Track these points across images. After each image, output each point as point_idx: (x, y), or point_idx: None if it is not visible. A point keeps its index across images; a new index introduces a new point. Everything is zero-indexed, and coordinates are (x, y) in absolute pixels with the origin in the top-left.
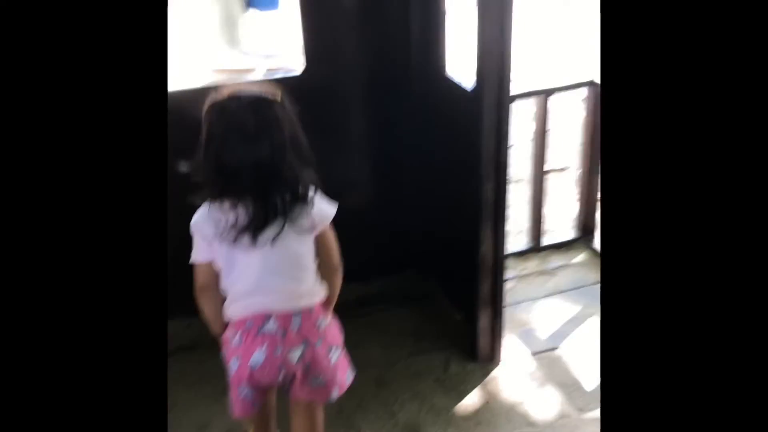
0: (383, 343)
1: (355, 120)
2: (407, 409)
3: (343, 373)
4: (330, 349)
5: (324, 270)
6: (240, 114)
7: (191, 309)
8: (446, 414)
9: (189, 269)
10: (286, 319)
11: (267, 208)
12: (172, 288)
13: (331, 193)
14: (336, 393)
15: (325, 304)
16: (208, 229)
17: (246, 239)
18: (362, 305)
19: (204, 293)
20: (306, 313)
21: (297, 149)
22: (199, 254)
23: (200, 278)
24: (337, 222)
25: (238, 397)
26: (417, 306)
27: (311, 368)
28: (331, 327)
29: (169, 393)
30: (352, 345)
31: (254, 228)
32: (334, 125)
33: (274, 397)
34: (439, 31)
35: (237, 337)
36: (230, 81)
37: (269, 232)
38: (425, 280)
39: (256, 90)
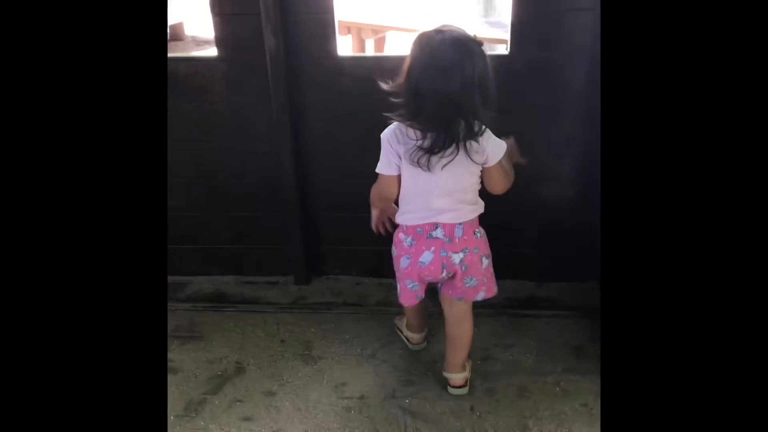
0: (539, 352)
1: (568, 110)
2: (543, 427)
3: (491, 281)
4: (482, 257)
5: (489, 189)
6: (441, 47)
7: (363, 268)
8: None
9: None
10: (450, 228)
11: (446, 135)
12: (357, 248)
13: (531, 181)
14: (482, 295)
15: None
16: (397, 145)
17: (425, 161)
18: (529, 307)
19: (382, 203)
20: (467, 225)
21: (483, 89)
22: (386, 167)
23: (384, 189)
24: (523, 211)
25: (406, 287)
26: (589, 321)
27: (468, 270)
28: (483, 238)
29: (321, 345)
30: (506, 345)
31: (433, 151)
32: (546, 112)
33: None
34: None
35: (409, 239)
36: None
37: (445, 157)
38: None
39: (461, 30)
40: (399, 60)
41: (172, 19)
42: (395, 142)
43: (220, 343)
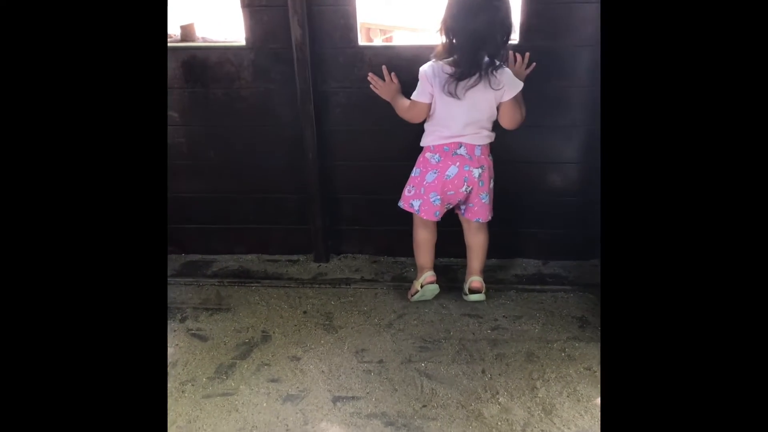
0: (546, 322)
1: (574, 97)
2: (549, 387)
3: (492, 204)
4: (491, 177)
5: (503, 124)
6: None
7: (379, 247)
8: (586, 402)
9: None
10: (471, 148)
11: (472, 65)
12: (374, 228)
13: (538, 164)
14: (490, 215)
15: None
16: (432, 78)
17: (453, 87)
18: (536, 282)
19: (413, 120)
20: (484, 147)
21: (505, 29)
22: (420, 95)
23: (415, 114)
24: (531, 193)
25: (429, 200)
26: (592, 295)
27: (483, 186)
28: (492, 163)
29: (342, 317)
30: (514, 317)
31: (461, 78)
32: (553, 99)
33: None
34: None
35: (437, 156)
36: None
37: (470, 84)
38: None
39: None
40: (416, 49)
41: (183, 20)
42: (432, 75)
43: (247, 314)
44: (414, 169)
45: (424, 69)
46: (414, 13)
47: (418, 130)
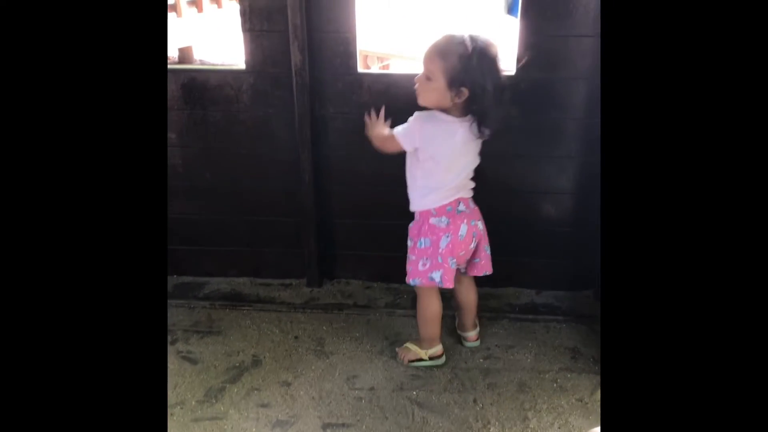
0: (538, 352)
1: (569, 129)
2: (541, 418)
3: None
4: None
5: None
6: (469, 47)
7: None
8: None
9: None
10: (467, 201)
11: (471, 122)
12: (367, 253)
13: (533, 194)
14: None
15: None
16: (432, 128)
17: (454, 142)
18: (528, 312)
19: (382, 149)
20: (472, 199)
21: (498, 89)
22: (403, 137)
23: (389, 148)
24: (525, 223)
25: (450, 267)
26: (584, 326)
27: (484, 237)
28: None
29: (333, 342)
30: (507, 346)
31: (458, 134)
32: (549, 130)
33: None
34: None
35: (444, 219)
36: None
37: (466, 138)
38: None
39: (487, 39)
40: (414, 77)
41: (181, 43)
42: (427, 121)
43: (238, 338)
44: (417, 240)
45: (422, 114)
46: (410, 41)
47: None
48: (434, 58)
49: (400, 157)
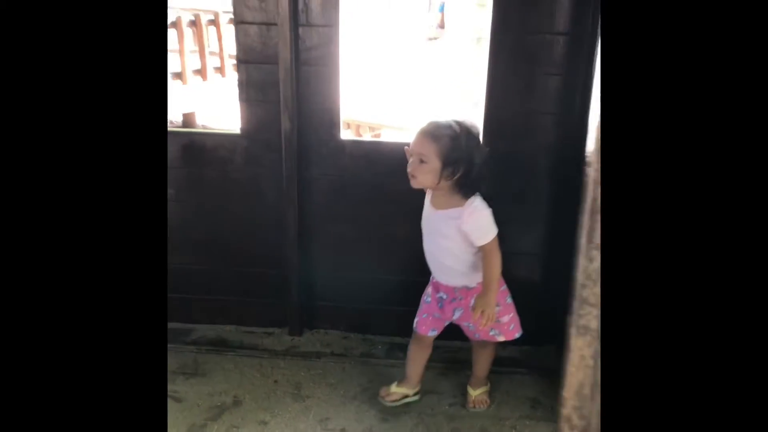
0: (500, 401)
1: (536, 189)
2: None
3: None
4: None
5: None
6: (457, 128)
7: (350, 324)
8: None
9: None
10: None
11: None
12: (346, 306)
13: (507, 251)
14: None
15: None
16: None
17: None
18: (493, 364)
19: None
20: None
21: (485, 163)
22: (494, 229)
23: (497, 251)
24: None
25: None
26: (546, 379)
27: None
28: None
29: (310, 387)
30: None
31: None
32: (516, 191)
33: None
34: None
35: (504, 284)
36: None
37: None
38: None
39: (468, 119)
40: (391, 145)
41: (185, 109)
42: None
43: (221, 380)
44: (505, 299)
45: (483, 204)
46: (400, 112)
47: (391, 214)
48: (426, 142)
49: (376, 218)
